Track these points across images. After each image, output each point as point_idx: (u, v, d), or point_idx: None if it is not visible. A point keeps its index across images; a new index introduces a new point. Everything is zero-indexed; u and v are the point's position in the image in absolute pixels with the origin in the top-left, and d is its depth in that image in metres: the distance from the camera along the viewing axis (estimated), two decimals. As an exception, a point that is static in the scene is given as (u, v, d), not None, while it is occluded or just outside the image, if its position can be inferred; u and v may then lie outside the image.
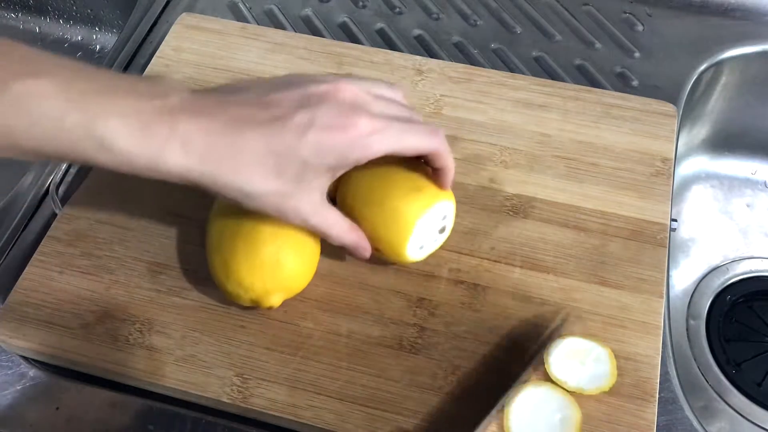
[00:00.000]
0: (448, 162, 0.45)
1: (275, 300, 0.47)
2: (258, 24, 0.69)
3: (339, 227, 0.45)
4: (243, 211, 0.44)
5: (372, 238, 0.46)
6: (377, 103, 0.42)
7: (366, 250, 0.46)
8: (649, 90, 0.63)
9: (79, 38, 0.85)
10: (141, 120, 0.38)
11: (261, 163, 0.39)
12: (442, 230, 0.49)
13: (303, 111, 0.40)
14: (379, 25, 0.69)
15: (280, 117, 0.40)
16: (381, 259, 0.48)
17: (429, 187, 0.46)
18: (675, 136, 0.57)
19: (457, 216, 0.49)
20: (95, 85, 0.38)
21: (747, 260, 0.71)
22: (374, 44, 0.67)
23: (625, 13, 0.70)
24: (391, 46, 0.67)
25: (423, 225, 0.46)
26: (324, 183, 0.43)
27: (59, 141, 0.37)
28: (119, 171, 0.39)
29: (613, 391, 0.46)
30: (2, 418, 0.48)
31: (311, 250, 0.47)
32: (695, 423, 0.49)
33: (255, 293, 0.46)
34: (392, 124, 0.42)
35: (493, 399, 0.46)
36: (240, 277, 0.45)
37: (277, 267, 0.45)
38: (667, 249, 0.52)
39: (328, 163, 0.41)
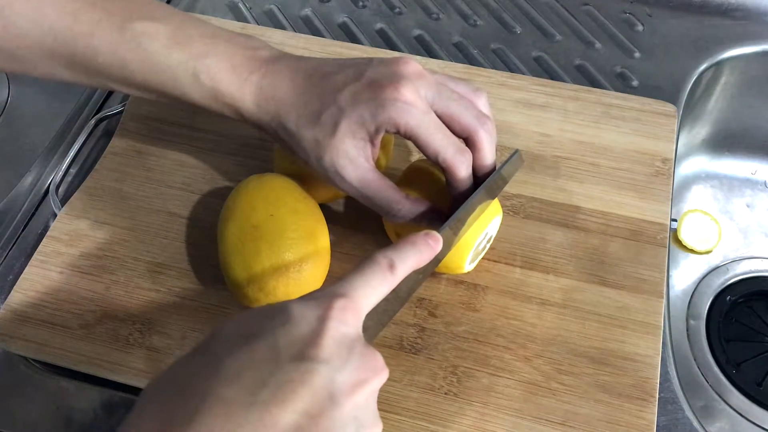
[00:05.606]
0: (460, 185, 0.43)
1: None
2: (258, 24, 0.69)
3: (376, 186, 0.43)
4: (262, 215, 0.45)
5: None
6: (433, 89, 0.42)
7: (410, 212, 0.44)
8: (649, 90, 0.63)
9: (79, 38, 0.84)
10: (231, 63, 0.43)
11: (304, 105, 0.42)
12: (489, 240, 0.49)
13: (358, 67, 0.43)
14: (379, 25, 0.69)
15: (338, 71, 0.43)
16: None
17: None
18: (675, 136, 0.57)
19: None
20: (199, 31, 0.44)
21: (747, 260, 0.71)
22: (374, 44, 0.67)
23: (625, 13, 0.70)
24: (391, 46, 0.67)
25: (477, 243, 0.46)
26: (361, 139, 0.41)
27: (163, 74, 0.44)
28: (207, 106, 0.44)
29: (613, 391, 0.46)
30: (2, 418, 0.48)
31: (326, 253, 0.48)
32: (695, 423, 0.49)
33: (276, 297, 0.46)
34: (432, 114, 0.41)
35: (493, 398, 0.46)
36: (263, 281, 0.45)
37: (300, 271, 0.45)
38: (667, 249, 0.52)
39: (359, 115, 0.41)
